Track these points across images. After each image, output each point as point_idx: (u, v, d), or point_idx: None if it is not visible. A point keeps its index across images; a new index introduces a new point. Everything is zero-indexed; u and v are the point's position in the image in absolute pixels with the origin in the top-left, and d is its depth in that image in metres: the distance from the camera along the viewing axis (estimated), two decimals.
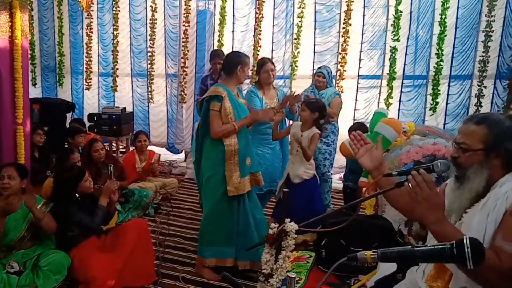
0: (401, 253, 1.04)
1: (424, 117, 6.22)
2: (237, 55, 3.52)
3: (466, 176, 1.75)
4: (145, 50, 7.62)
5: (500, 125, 1.73)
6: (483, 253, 0.95)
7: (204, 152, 3.48)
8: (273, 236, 2.42)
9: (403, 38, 6.09)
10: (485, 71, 5.88)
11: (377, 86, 6.40)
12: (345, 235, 2.58)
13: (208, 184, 3.45)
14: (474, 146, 1.73)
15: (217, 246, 3.47)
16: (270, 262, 2.41)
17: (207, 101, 3.37)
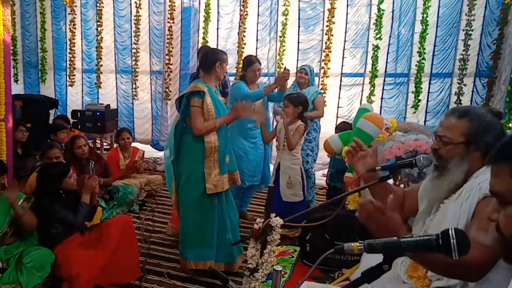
0: (387, 244, 1.04)
1: (406, 115, 6.28)
2: (214, 52, 3.49)
3: (446, 168, 1.77)
4: (129, 47, 7.55)
5: (482, 119, 1.75)
6: (469, 244, 0.95)
7: (183, 151, 3.40)
8: (258, 231, 2.41)
9: (385, 37, 6.14)
10: (465, 69, 5.97)
11: (359, 84, 6.45)
12: (330, 230, 2.60)
13: (187, 183, 3.38)
14: (455, 139, 1.75)
15: (200, 248, 3.40)
16: (256, 257, 2.41)
17: (187, 97, 3.29)
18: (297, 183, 3.95)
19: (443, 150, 1.79)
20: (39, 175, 3.46)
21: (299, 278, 2.38)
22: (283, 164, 3.98)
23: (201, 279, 3.38)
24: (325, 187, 5.30)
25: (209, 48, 3.77)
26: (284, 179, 3.95)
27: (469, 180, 1.75)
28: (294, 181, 3.94)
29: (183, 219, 3.46)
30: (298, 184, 3.95)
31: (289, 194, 3.92)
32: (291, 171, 3.95)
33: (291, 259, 2.64)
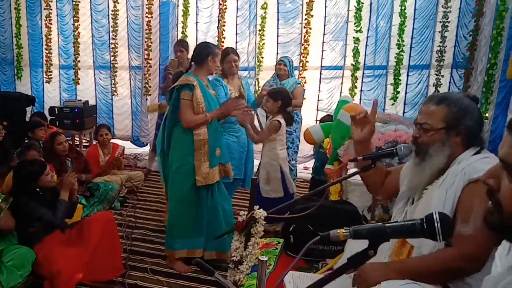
0: (372, 230, 1.05)
1: (385, 106, 6.34)
2: (207, 46, 3.48)
3: (428, 153, 1.79)
4: (107, 42, 7.43)
5: (460, 103, 1.77)
6: (452, 228, 0.96)
7: (173, 143, 3.41)
8: (242, 224, 2.41)
9: (363, 29, 6.18)
10: (442, 60, 6.05)
11: (339, 76, 6.48)
12: (313, 221, 2.60)
13: (176, 175, 3.39)
14: (436, 126, 1.77)
15: (187, 238, 3.43)
16: (240, 249, 2.41)
17: (177, 90, 3.30)
18: (275, 179, 3.90)
19: (424, 137, 1.81)
20: (15, 174, 3.37)
21: (283, 269, 2.39)
22: (263, 159, 3.97)
23: (185, 274, 3.37)
24: (306, 180, 5.32)
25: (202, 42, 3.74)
26: (262, 174, 3.93)
27: (452, 165, 1.77)
28: (272, 177, 3.89)
29: (172, 210, 3.48)
30: (277, 180, 3.89)
31: (268, 190, 3.89)
32: (269, 167, 3.91)
33: (275, 251, 2.64)
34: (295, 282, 2.10)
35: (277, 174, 3.90)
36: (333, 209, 2.78)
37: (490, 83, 5.24)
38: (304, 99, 5.12)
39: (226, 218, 3.49)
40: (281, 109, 3.88)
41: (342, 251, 2.31)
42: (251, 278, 2.27)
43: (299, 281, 2.13)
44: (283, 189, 3.90)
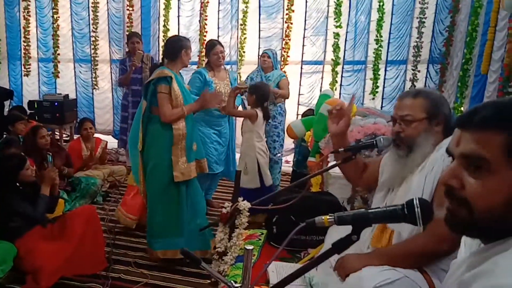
0: (355, 216, 1.08)
1: (363, 101, 6.42)
2: (179, 39, 3.43)
3: (416, 144, 1.86)
4: (87, 35, 7.33)
5: (434, 94, 1.90)
6: (432, 212, 1.00)
7: (150, 139, 3.32)
8: (226, 215, 2.44)
9: (343, 24, 6.22)
10: (418, 56, 6.15)
11: (319, 71, 6.53)
12: (295, 212, 2.64)
13: (153, 172, 3.31)
14: (418, 116, 1.85)
15: (167, 238, 3.35)
16: (224, 241, 2.44)
17: (154, 84, 3.22)
18: (252, 170, 3.93)
19: (408, 130, 1.87)
20: None
21: (266, 259, 2.42)
22: (243, 151, 3.99)
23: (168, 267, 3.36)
24: (289, 173, 5.36)
25: (173, 36, 3.71)
26: (241, 165, 3.96)
27: (430, 153, 1.85)
28: (249, 168, 3.92)
29: (151, 209, 3.40)
30: (253, 171, 3.92)
31: (245, 180, 3.91)
32: (248, 158, 3.95)
33: (259, 242, 2.67)
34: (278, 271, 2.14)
35: (254, 165, 3.94)
36: (315, 200, 2.82)
37: (465, 78, 5.34)
38: None
39: (201, 215, 3.47)
40: (257, 103, 3.93)
41: (323, 241, 2.35)
42: (235, 268, 2.30)
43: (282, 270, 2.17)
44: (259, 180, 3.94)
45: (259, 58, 5.41)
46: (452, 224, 0.93)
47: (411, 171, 1.89)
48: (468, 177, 0.88)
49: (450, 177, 0.91)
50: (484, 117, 0.87)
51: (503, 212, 0.84)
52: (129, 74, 5.58)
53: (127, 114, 5.87)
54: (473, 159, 0.87)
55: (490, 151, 0.84)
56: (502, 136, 0.84)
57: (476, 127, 0.88)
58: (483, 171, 0.85)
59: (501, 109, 0.87)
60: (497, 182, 0.84)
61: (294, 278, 1.22)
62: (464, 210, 0.88)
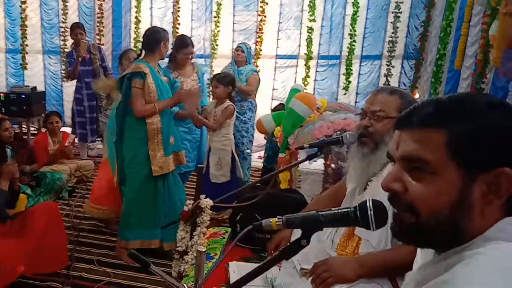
0: (305, 219, 1.00)
1: (337, 96, 6.39)
2: (157, 31, 3.39)
3: (383, 141, 1.79)
4: (57, 26, 7.12)
5: (408, 96, 1.84)
6: (386, 216, 0.92)
7: (126, 132, 3.31)
8: (187, 213, 2.35)
9: (318, 18, 6.17)
10: (393, 51, 6.14)
11: (294, 65, 6.46)
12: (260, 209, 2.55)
13: (131, 165, 3.30)
14: (391, 114, 1.77)
15: (143, 229, 3.34)
16: (185, 239, 2.35)
17: (128, 78, 3.20)
18: (226, 164, 3.90)
19: (378, 125, 1.80)
20: None
21: (230, 258, 2.34)
22: (214, 146, 3.92)
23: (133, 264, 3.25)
24: (260, 169, 5.29)
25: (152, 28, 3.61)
26: (214, 160, 3.90)
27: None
28: (224, 162, 3.89)
29: (127, 201, 3.39)
30: (228, 165, 3.91)
31: (218, 175, 3.88)
32: (221, 152, 3.90)
33: (222, 240, 2.59)
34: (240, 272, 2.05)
35: (228, 159, 3.91)
36: (281, 198, 2.74)
37: (439, 73, 5.35)
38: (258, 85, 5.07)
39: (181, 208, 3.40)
40: (229, 94, 3.89)
41: None
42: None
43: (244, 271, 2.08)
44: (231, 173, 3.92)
45: (233, 51, 5.31)
46: (399, 232, 0.88)
47: (375, 171, 1.83)
48: (410, 180, 0.83)
49: (392, 181, 0.86)
50: (423, 116, 0.83)
51: (449, 215, 0.79)
52: (76, 65, 5.54)
53: (83, 108, 5.80)
54: (414, 161, 0.82)
55: (431, 151, 0.80)
56: (442, 134, 0.79)
57: (416, 126, 0.83)
58: (426, 173, 0.80)
59: (440, 106, 0.83)
60: (442, 183, 0.79)
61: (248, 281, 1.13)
62: (409, 215, 0.83)
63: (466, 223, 0.79)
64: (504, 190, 0.77)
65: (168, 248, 3.35)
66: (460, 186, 0.78)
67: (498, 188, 0.78)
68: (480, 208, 0.79)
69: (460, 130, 0.78)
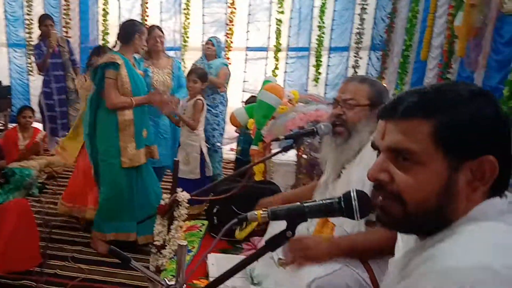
0: (290, 210, 1.00)
1: (307, 87, 6.41)
2: (133, 24, 3.32)
3: (356, 129, 1.83)
4: (21, 18, 6.84)
5: (378, 84, 1.89)
6: (370, 205, 0.93)
7: (98, 124, 3.26)
8: (164, 207, 2.32)
9: (287, 10, 6.16)
10: (360, 42, 6.19)
11: (264, 57, 6.45)
12: (236, 202, 2.55)
13: (104, 158, 3.27)
14: (362, 102, 1.82)
15: (119, 221, 3.31)
16: (163, 233, 2.33)
17: (101, 68, 3.14)
18: (194, 160, 3.83)
19: (350, 113, 1.84)
20: None
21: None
22: (182, 141, 3.88)
23: (108, 260, 3.19)
24: (232, 161, 5.27)
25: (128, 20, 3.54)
26: (181, 155, 3.84)
27: (367, 143, 1.80)
28: (191, 158, 3.82)
29: (103, 192, 3.36)
30: (195, 161, 3.84)
31: (186, 171, 3.80)
32: (189, 148, 3.84)
33: (200, 233, 2.58)
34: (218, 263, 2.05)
35: (197, 155, 3.86)
36: (257, 189, 2.75)
37: (406, 64, 5.43)
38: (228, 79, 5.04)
39: (157, 201, 3.37)
40: (204, 89, 3.88)
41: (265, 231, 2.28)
42: (174, 262, 2.19)
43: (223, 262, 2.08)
44: (200, 170, 3.84)
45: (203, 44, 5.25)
46: (385, 222, 0.88)
47: (348, 158, 1.86)
48: (397, 170, 0.83)
49: (378, 171, 0.86)
50: (408, 106, 0.83)
51: (435, 203, 0.80)
52: (47, 58, 5.39)
53: (52, 102, 5.64)
54: (400, 152, 0.82)
55: (417, 141, 0.80)
56: (428, 125, 0.80)
57: (401, 116, 0.83)
58: (412, 163, 0.81)
59: (425, 96, 0.83)
60: (428, 173, 0.80)
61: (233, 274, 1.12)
62: (396, 205, 0.84)
63: (451, 209, 0.81)
64: (488, 177, 0.79)
65: (143, 242, 3.31)
66: (446, 175, 0.79)
67: (482, 175, 0.79)
68: (465, 194, 0.80)
69: (445, 121, 0.79)
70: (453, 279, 0.68)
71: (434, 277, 0.70)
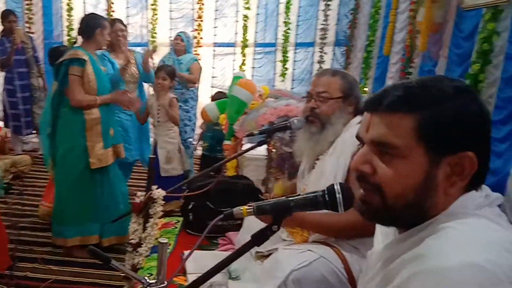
0: (276, 205, 1.00)
1: (274, 83, 6.44)
2: (94, 17, 3.20)
3: (330, 122, 1.86)
4: None
5: (348, 76, 1.93)
6: (353, 198, 0.94)
7: (61, 123, 3.11)
8: (140, 205, 2.28)
9: (253, 6, 6.16)
10: (325, 38, 6.26)
11: (232, 53, 6.43)
12: (211, 197, 2.54)
13: (66, 158, 3.11)
14: (335, 94, 1.85)
15: (81, 224, 3.18)
16: (138, 232, 2.29)
17: (65, 65, 2.99)
18: (176, 157, 3.84)
19: (324, 106, 1.86)
20: None
21: (183, 248, 2.31)
22: (161, 140, 3.82)
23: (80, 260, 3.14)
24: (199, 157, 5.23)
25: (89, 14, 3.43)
26: (162, 154, 3.79)
27: (340, 134, 1.85)
28: (173, 155, 3.82)
29: (62, 196, 3.19)
30: (177, 158, 3.84)
31: (169, 169, 3.79)
32: (169, 145, 3.82)
33: (175, 230, 2.55)
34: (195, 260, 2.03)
35: (177, 151, 3.86)
36: (231, 184, 2.74)
37: (369, 59, 5.51)
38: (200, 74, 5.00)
39: (124, 200, 3.32)
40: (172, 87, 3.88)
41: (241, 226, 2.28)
42: (150, 260, 2.16)
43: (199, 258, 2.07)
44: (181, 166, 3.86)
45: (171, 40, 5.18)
46: (365, 212, 0.89)
47: (323, 149, 1.88)
48: (379, 162, 0.84)
49: (361, 162, 0.87)
50: (393, 99, 0.83)
51: (414, 196, 0.81)
52: (11, 54, 5.20)
53: (16, 99, 5.43)
54: (383, 145, 0.83)
55: (400, 136, 0.81)
56: (411, 119, 0.81)
57: (386, 110, 0.84)
58: (394, 157, 0.82)
59: (410, 91, 0.84)
60: (408, 166, 0.81)
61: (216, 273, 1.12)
62: (376, 196, 0.85)
63: (430, 203, 0.82)
64: (467, 173, 0.81)
65: (107, 244, 3.22)
66: (426, 168, 0.80)
67: (461, 170, 0.81)
68: (443, 188, 0.82)
69: (428, 116, 0.80)
70: (444, 279, 0.69)
71: (425, 277, 0.71)
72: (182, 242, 2.42)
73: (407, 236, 0.85)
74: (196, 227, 2.56)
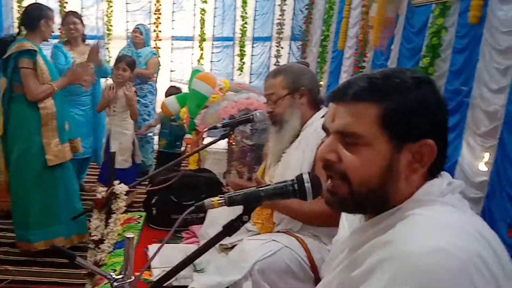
0: (246, 195, 1.00)
1: (233, 77, 6.43)
2: (38, 8, 3.03)
3: (284, 120, 1.92)
4: None
5: (291, 69, 1.97)
6: (321, 187, 0.96)
7: (14, 121, 2.92)
8: (102, 201, 2.22)
9: (211, 0, 6.10)
10: (281, 33, 6.31)
11: (190, 47, 6.36)
12: (175, 191, 2.51)
13: (23, 159, 2.92)
14: (281, 94, 1.91)
15: (47, 227, 3.00)
16: (100, 228, 2.23)
17: (14, 59, 2.81)
18: (128, 149, 3.71)
19: (276, 107, 1.93)
20: None
21: (147, 242, 2.28)
22: (114, 130, 3.67)
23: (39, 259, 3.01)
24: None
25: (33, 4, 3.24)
26: (115, 145, 3.66)
27: (304, 129, 1.91)
28: (126, 147, 3.69)
29: (22, 199, 2.99)
30: (129, 150, 3.72)
31: (121, 161, 3.66)
32: (122, 136, 3.68)
33: (138, 225, 2.50)
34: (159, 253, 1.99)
35: (130, 143, 3.74)
36: (194, 178, 2.72)
37: (324, 53, 5.60)
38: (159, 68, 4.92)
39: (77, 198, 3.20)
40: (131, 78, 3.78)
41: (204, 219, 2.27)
42: (113, 256, 2.11)
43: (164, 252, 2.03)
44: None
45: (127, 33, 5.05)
46: (333, 203, 0.91)
47: (286, 145, 1.94)
48: (344, 150, 0.86)
49: (327, 151, 0.88)
50: (357, 90, 0.85)
51: (378, 183, 0.84)
52: None
53: None
54: (348, 135, 0.85)
55: (364, 125, 0.83)
56: (375, 109, 0.83)
57: (351, 100, 0.86)
58: (359, 145, 0.84)
59: (373, 81, 0.86)
60: (373, 153, 0.83)
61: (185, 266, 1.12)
62: (343, 185, 0.86)
63: (393, 189, 0.84)
64: (427, 159, 0.84)
65: (70, 245, 3.06)
66: (389, 156, 0.83)
67: (421, 157, 0.83)
68: (405, 175, 0.84)
69: (392, 106, 0.83)
70: (412, 264, 0.70)
71: (393, 263, 0.72)
72: (145, 237, 2.39)
73: (373, 222, 0.87)
74: (160, 222, 2.53)
